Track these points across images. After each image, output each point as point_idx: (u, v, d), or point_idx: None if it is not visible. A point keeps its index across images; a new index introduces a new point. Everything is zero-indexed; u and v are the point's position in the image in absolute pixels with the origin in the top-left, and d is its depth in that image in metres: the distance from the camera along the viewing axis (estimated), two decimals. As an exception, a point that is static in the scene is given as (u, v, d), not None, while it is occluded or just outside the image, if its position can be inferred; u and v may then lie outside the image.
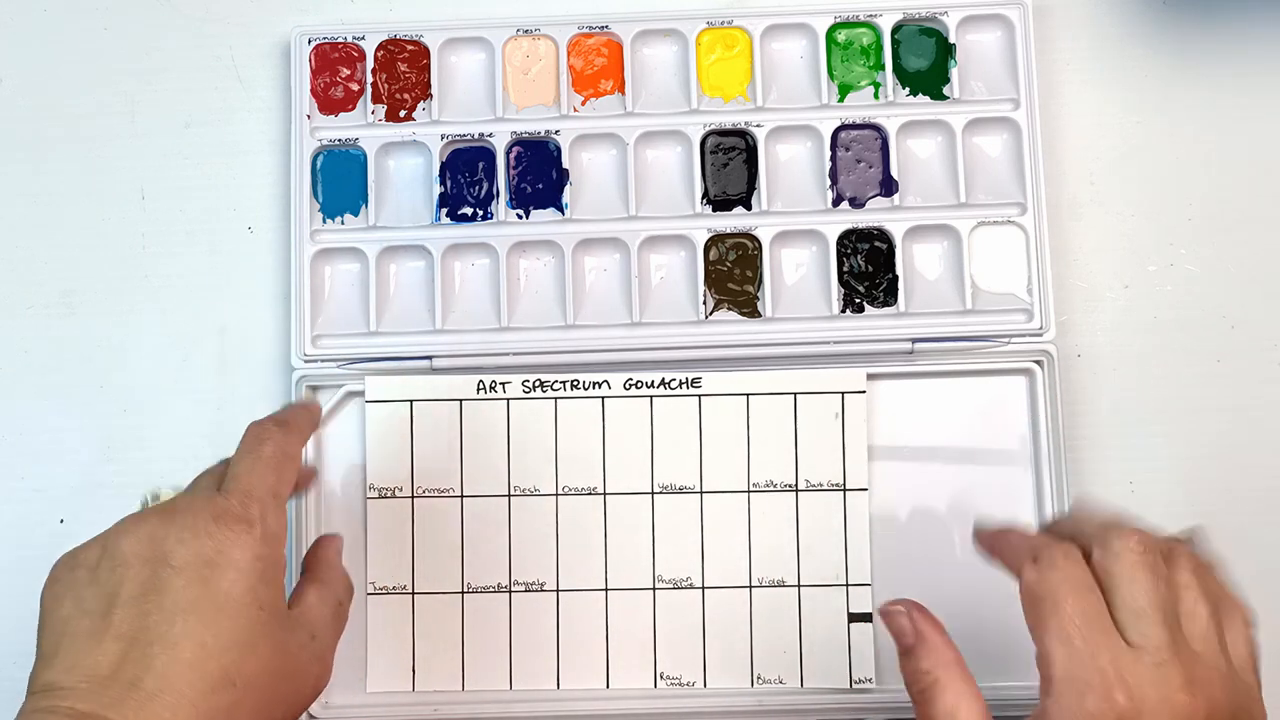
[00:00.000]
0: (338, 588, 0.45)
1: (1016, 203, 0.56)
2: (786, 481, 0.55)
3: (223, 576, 0.39)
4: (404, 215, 0.57)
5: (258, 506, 0.40)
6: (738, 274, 0.57)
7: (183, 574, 0.38)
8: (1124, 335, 0.57)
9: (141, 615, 0.38)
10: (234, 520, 0.40)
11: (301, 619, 0.42)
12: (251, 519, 0.40)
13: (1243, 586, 0.54)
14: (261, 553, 0.40)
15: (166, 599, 0.38)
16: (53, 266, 0.58)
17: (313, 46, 0.57)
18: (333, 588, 0.44)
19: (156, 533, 0.39)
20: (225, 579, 0.39)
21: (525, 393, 0.55)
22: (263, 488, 0.41)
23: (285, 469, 0.42)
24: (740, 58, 0.58)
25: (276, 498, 0.42)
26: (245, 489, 0.41)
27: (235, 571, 0.39)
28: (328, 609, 0.44)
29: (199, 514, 0.40)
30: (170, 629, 0.38)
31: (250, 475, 0.41)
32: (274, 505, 0.41)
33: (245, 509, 0.40)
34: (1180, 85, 0.58)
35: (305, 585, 0.44)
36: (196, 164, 0.58)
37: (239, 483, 0.41)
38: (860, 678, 0.54)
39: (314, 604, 0.43)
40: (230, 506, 0.40)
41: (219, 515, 0.40)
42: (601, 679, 0.54)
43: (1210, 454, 0.56)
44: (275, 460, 0.42)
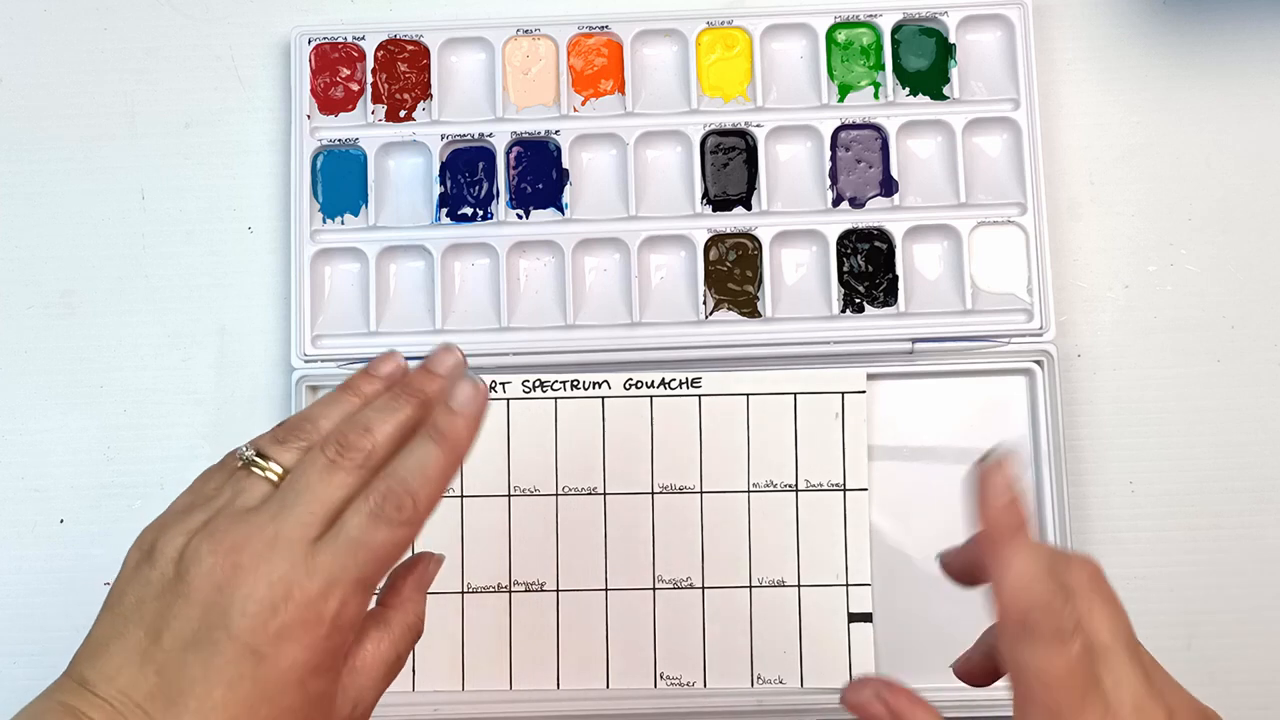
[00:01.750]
0: (403, 639, 0.40)
1: (1016, 203, 0.56)
2: (786, 481, 0.55)
3: (276, 664, 0.36)
4: (404, 215, 0.57)
5: (338, 599, 0.36)
6: (738, 274, 0.56)
7: (234, 644, 0.35)
8: (1124, 335, 0.57)
9: (184, 665, 0.36)
10: (306, 605, 0.36)
11: (349, 688, 0.38)
12: (325, 611, 0.36)
13: (1244, 587, 0.55)
14: (324, 645, 0.36)
15: (212, 664, 0.36)
16: (53, 266, 0.58)
17: (313, 46, 0.58)
18: (396, 638, 0.40)
19: (225, 585, 0.36)
20: (277, 667, 0.36)
21: (525, 393, 0.55)
22: (354, 578, 0.36)
23: (388, 561, 0.37)
24: (740, 58, 0.58)
25: (367, 590, 0.37)
26: (333, 575, 0.36)
27: (289, 661, 0.36)
28: (382, 665, 0.39)
29: (274, 585, 0.36)
30: (208, 695, 0.35)
31: (349, 558, 0.36)
32: (357, 596, 0.37)
33: (324, 599, 0.36)
34: (1180, 85, 0.58)
35: (369, 626, 0.39)
36: (196, 164, 0.58)
37: (332, 558, 0.36)
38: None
39: (369, 661, 0.39)
40: (309, 592, 0.36)
41: (293, 598, 0.36)
42: (601, 679, 0.54)
43: (1210, 454, 0.56)
44: (383, 550, 0.37)
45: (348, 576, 0.36)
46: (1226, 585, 0.55)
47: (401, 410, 0.39)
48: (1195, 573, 0.55)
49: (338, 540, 0.36)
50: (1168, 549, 0.55)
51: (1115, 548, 0.55)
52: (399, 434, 0.38)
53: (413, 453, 0.38)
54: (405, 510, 0.37)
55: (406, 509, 0.37)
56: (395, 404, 0.39)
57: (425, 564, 0.42)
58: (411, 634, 0.40)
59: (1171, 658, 0.53)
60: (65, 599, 0.55)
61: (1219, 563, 0.55)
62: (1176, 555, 0.55)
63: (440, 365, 0.40)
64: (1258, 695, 0.54)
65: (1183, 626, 0.55)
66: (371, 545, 0.36)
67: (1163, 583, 0.55)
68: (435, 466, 0.38)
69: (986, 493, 0.36)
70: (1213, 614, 0.55)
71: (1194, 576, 0.55)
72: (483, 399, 0.39)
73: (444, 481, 0.38)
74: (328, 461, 0.37)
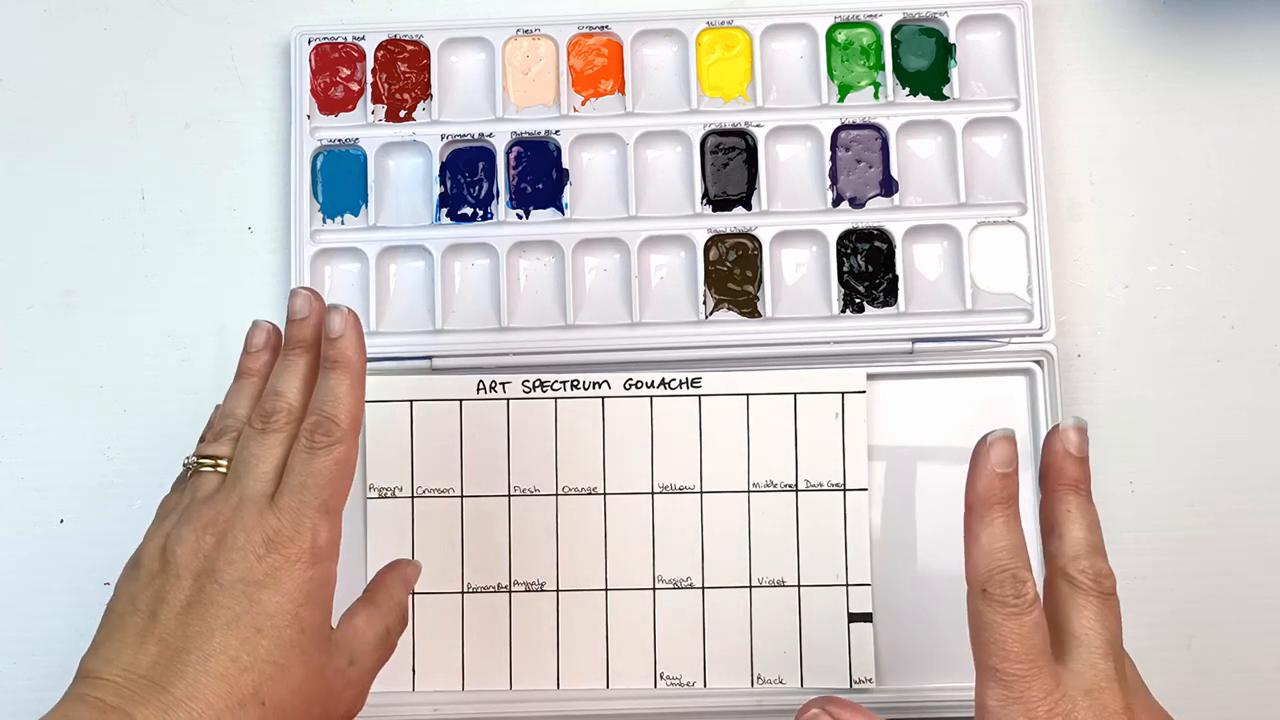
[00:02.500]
0: (390, 616, 0.45)
1: (1016, 203, 0.56)
2: (786, 481, 0.55)
3: (268, 598, 0.40)
4: (404, 215, 0.57)
5: (309, 527, 0.41)
6: (738, 274, 0.56)
7: (228, 591, 0.40)
8: (1124, 335, 0.57)
9: (183, 625, 0.39)
10: (284, 542, 0.40)
11: (343, 643, 0.43)
12: (301, 541, 0.41)
13: (1244, 587, 0.55)
14: (308, 575, 0.40)
15: (209, 613, 0.39)
16: (53, 266, 0.58)
17: (313, 46, 0.57)
18: (384, 614, 0.45)
19: (210, 552, 0.40)
20: (270, 600, 0.40)
21: (525, 393, 0.55)
22: (314, 505, 0.41)
23: (339, 480, 0.42)
24: (740, 58, 0.58)
25: (328, 513, 0.41)
26: (296, 507, 0.41)
27: (280, 594, 0.40)
28: (373, 634, 0.44)
29: (251, 535, 0.40)
30: (207, 642, 0.39)
31: (302, 490, 0.41)
32: (324, 521, 0.41)
33: (296, 530, 0.41)
34: (1180, 85, 0.58)
35: (358, 606, 0.44)
36: (196, 164, 0.58)
37: (290, 498, 0.41)
38: (860, 678, 0.54)
39: (360, 628, 0.44)
40: (281, 528, 0.40)
41: (270, 538, 0.40)
42: (601, 679, 0.54)
43: (1211, 454, 0.56)
44: (329, 473, 0.42)
45: (309, 506, 0.41)
46: (1226, 585, 0.55)
47: (295, 365, 0.44)
48: (1195, 573, 0.55)
49: (290, 481, 0.41)
50: (1168, 549, 0.55)
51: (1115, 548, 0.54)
52: (304, 384, 0.43)
53: (320, 387, 0.43)
54: (333, 432, 0.42)
55: (334, 431, 0.42)
56: (287, 362, 0.44)
57: (405, 564, 0.47)
58: (398, 612, 0.45)
59: (1171, 658, 0.54)
60: (65, 599, 0.55)
61: (1219, 563, 0.55)
62: (1176, 555, 0.55)
63: (300, 311, 0.44)
64: (1258, 695, 0.54)
65: (1183, 626, 0.55)
66: (318, 472, 0.41)
67: (1163, 583, 0.55)
68: (341, 387, 0.42)
69: (974, 468, 0.39)
70: (1213, 614, 0.55)
71: (1194, 576, 0.55)
72: (353, 318, 0.43)
73: (355, 398, 0.43)
74: (259, 431, 0.42)
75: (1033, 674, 0.37)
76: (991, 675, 0.38)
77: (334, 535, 0.42)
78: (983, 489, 0.39)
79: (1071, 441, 0.40)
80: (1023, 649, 0.37)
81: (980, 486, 0.39)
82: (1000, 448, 0.39)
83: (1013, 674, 0.37)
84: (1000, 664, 0.37)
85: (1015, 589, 0.38)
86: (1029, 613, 0.38)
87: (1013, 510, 0.39)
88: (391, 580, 0.46)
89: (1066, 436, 0.40)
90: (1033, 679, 0.37)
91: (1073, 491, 0.40)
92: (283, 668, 0.39)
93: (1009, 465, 0.39)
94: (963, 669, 0.51)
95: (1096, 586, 0.39)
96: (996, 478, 0.39)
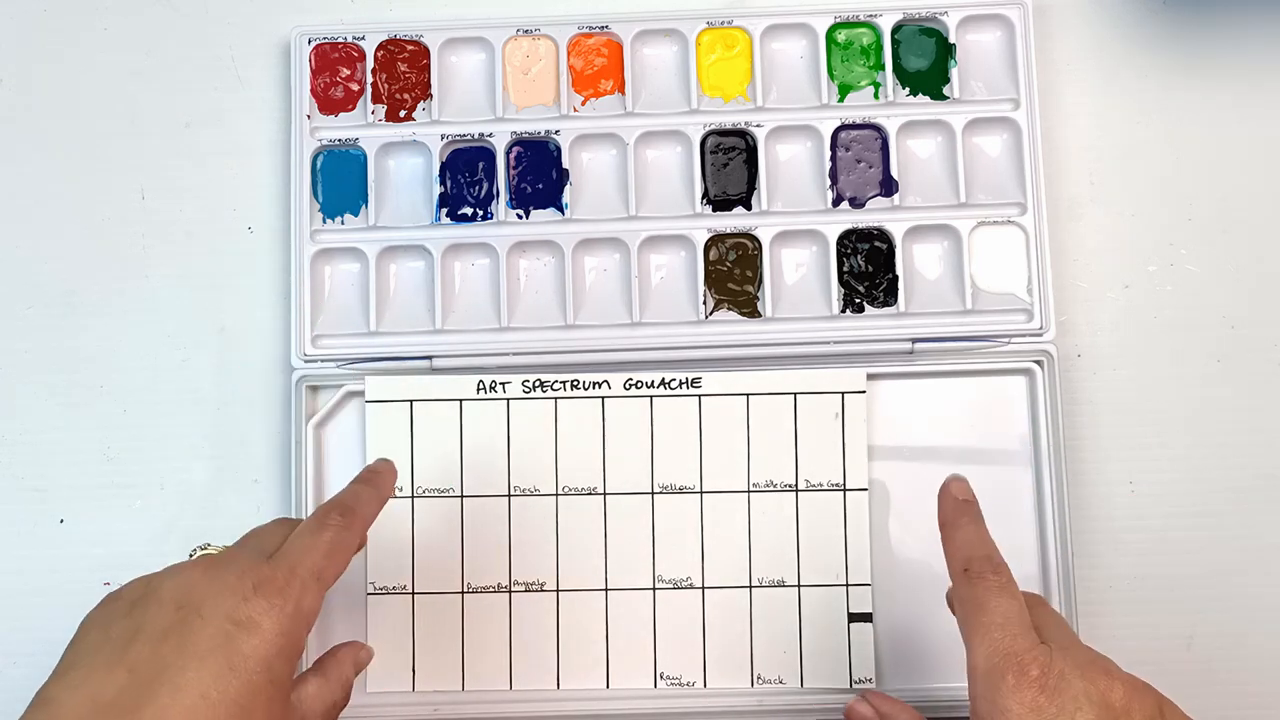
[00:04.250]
0: (337, 692, 0.45)
1: (1016, 203, 0.56)
2: (786, 481, 0.55)
3: (246, 640, 0.40)
4: (404, 215, 0.57)
5: (299, 584, 0.41)
6: (738, 274, 0.56)
7: (209, 625, 0.39)
8: (1124, 335, 0.57)
9: (157, 654, 0.39)
10: (273, 591, 0.41)
11: (297, 705, 0.43)
12: (289, 595, 0.41)
13: (1244, 587, 0.55)
14: (287, 629, 0.41)
15: (187, 643, 0.39)
16: (53, 266, 0.58)
17: (313, 46, 0.58)
18: (333, 688, 0.45)
19: (198, 583, 0.41)
20: (247, 643, 0.40)
21: (525, 393, 0.55)
22: (309, 568, 0.42)
23: (337, 558, 0.43)
24: (740, 58, 0.58)
25: (320, 581, 0.42)
26: (292, 564, 0.42)
27: (259, 639, 0.40)
28: (321, 706, 0.44)
29: (243, 576, 0.41)
30: (180, 674, 0.38)
31: (302, 554, 0.42)
32: (315, 587, 0.42)
33: (287, 583, 0.41)
34: (1180, 85, 0.58)
35: (310, 675, 0.45)
36: (196, 164, 0.59)
37: (289, 558, 0.42)
38: (860, 678, 0.54)
39: (312, 694, 0.44)
40: (273, 577, 0.41)
41: (260, 583, 0.41)
42: (601, 679, 0.54)
43: (1211, 454, 0.56)
44: (330, 547, 0.43)
45: (305, 568, 0.42)
46: (1226, 585, 0.55)
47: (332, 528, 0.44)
48: (1195, 573, 0.55)
49: (292, 543, 0.43)
50: (1168, 549, 0.55)
51: (1115, 548, 0.55)
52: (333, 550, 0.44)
53: (347, 489, 0.46)
54: (348, 516, 0.44)
55: (348, 515, 0.44)
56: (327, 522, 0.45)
57: (358, 646, 0.47)
58: (344, 690, 0.46)
59: (1171, 658, 0.54)
60: (65, 599, 0.52)
61: (1219, 563, 0.55)
62: (1176, 555, 0.55)
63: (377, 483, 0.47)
64: (1258, 695, 0.54)
65: (1183, 626, 0.55)
66: (322, 542, 0.43)
67: (1163, 583, 0.55)
68: (366, 493, 0.46)
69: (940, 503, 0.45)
70: (1213, 614, 0.55)
71: (1194, 576, 0.55)
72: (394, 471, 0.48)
73: (375, 507, 0.46)
74: (275, 520, 0.45)
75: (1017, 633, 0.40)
76: (981, 639, 0.40)
77: (316, 606, 0.42)
78: (949, 509, 0.45)
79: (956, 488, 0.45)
80: (1005, 613, 0.40)
81: (947, 509, 0.45)
82: (957, 484, 0.45)
83: (998, 635, 0.40)
84: (988, 628, 0.40)
85: (992, 568, 0.42)
86: (1007, 589, 0.41)
87: (980, 520, 0.44)
88: (344, 657, 0.46)
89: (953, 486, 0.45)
90: (1018, 637, 0.40)
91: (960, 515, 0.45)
92: (247, 711, 0.39)
93: (968, 495, 0.45)
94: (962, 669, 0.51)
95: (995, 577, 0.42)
96: (959, 502, 0.45)
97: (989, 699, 0.39)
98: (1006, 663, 0.39)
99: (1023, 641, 0.40)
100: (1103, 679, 0.39)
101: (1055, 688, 0.39)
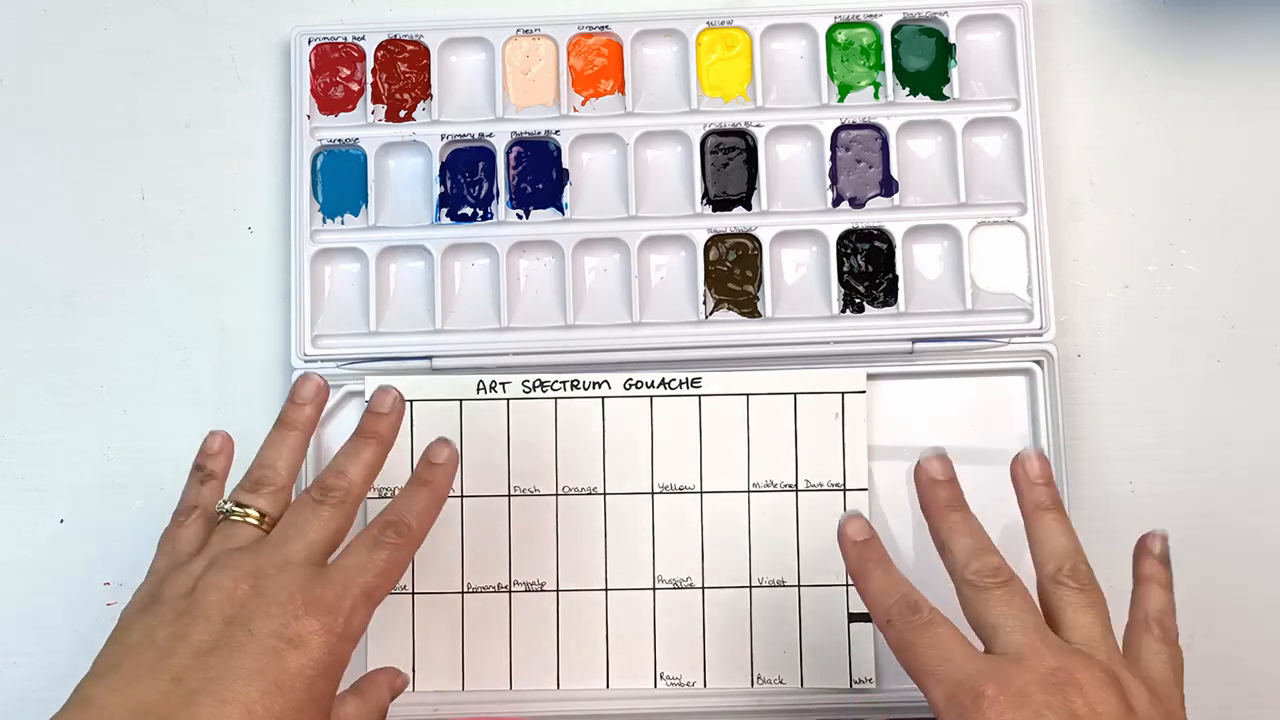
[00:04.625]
0: (375, 714, 0.45)
1: (1016, 203, 0.56)
2: (786, 482, 0.55)
3: (294, 659, 0.39)
4: (404, 215, 0.57)
5: (350, 604, 0.41)
6: (738, 274, 0.56)
7: (259, 642, 0.39)
8: (1124, 335, 0.57)
9: (202, 666, 0.39)
10: (324, 610, 0.41)
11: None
12: (339, 614, 0.41)
13: (1245, 587, 0.54)
14: (335, 648, 0.40)
15: (233, 659, 0.39)
16: (53, 266, 0.58)
17: (313, 46, 0.57)
18: (370, 710, 0.45)
19: (247, 599, 0.40)
20: (295, 661, 0.39)
21: (525, 393, 0.55)
22: (361, 588, 0.42)
23: (391, 576, 0.43)
24: (740, 57, 0.57)
25: (371, 600, 0.42)
26: (345, 583, 0.42)
27: (307, 658, 0.40)
28: None
29: (292, 595, 0.40)
30: (227, 689, 0.38)
31: (355, 573, 0.42)
32: (365, 606, 0.42)
33: (338, 602, 0.41)
34: (1180, 84, 0.58)
35: (350, 695, 0.45)
36: (196, 164, 0.58)
37: (341, 575, 0.42)
38: (860, 678, 0.54)
39: (350, 714, 0.44)
40: (324, 596, 0.41)
41: (311, 602, 0.40)
42: (601, 679, 0.54)
43: (1211, 455, 0.56)
44: (385, 567, 0.43)
45: (356, 587, 0.41)
46: (1226, 585, 0.55)
47: (364, 451, 0.45)
48: (1195, 573, 0.54)
49: (346, 560, 0.42)
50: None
51: (1115, 548, 0.55)
52: (369, 471, 0.45)
53: (407, 494, 0.45)
54: (404, 534, 0.43)
55: (405, 533, 0.43)
56: (358, 446, 0.46)
57: (395, 673, 0.47)
58: (380, 714, 0.45)
59: (1172, 658, 0.54)
60: (65, 600, 0.55)
61: (1220, 563, 0.55)
62: (1177, 555, 0.54)
63: (383, 406, 0.47)
64: (1258, 695, 0.54)
65: (1183, 626, 0.54)
66: (377, 561, 0.42)
67: (1163, 583, 0.55)
68: (425, 502, 0.45)
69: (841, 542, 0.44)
70: (1213, 614, 0.54)
71: (1194, 576, 0.53)
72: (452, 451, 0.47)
73: (432, 517, 0.45)
74: (315, 503, 0.43)
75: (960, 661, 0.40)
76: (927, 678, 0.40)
77: (364, 624, 0.42)
78: (853, 558, 0.44)
79: (935, 469, 0.44)
80: (939, 647, 0.40)
81: (851, 558, 0.44)
82: (852, 525, 0.44)
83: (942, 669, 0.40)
84: (930, 665, 0.40)
85: (911, 609, 0.41)
86: (931, 622, 0.41)
87: (885, 562, 0.43)
88: (381, 681, 0.46)
89: (929, 467, 0.44)
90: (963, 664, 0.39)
91: (949, 511, 0.44)
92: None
93: (864, 534, 0.44)
94: None
95: (994, 580, 0.41)
96: (858, 546, 0.44)
97: None
98: (961, 691, 0.39)
99: (968, 666, 0.39)
100: (1067, 689, 0.38)
101: (1015, 702, 0.38)
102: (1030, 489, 0.44)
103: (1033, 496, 0.44)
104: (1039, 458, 0.45)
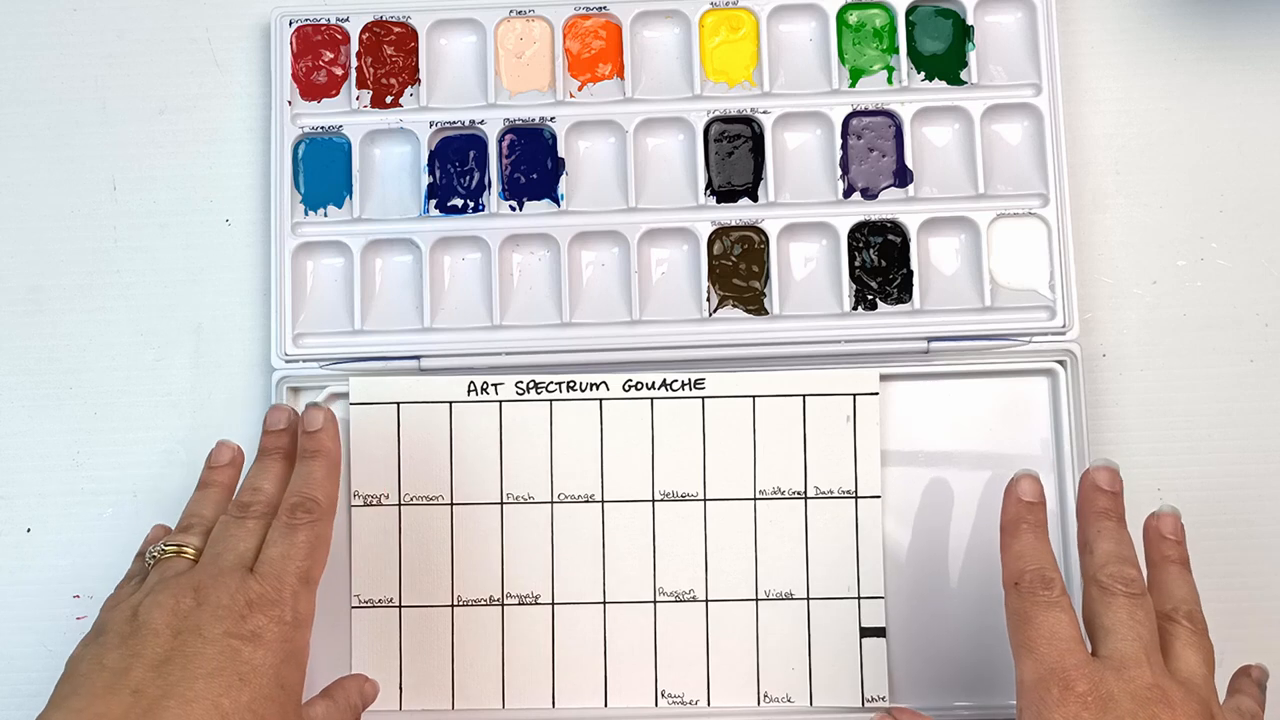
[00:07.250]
0: (347, 715, 0.48)
1: (1038, 194, 0.55)
2: (795, 488, 0.54)
3: (252, 652, 0.42)
4: (390, 207, 0.56)
5: (290, 592, 0.45)
6: (743, 269, 0.55)
7: (212, 644, 0.42)
8: (1152, 334, 0.56)
9: (161, 675, 0.41)
10: (268, 604, 0.44)
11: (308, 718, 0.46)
12: (283, 604, 0.44)
13: (1277, 598, 0.53)
14: (290, 635, 0.44)
15: (191, 663, 0.41)
16: (19, 261, 0.57)
17: (294, 28, 0.57)
18: (343, 711, 0.48)
19: (192, 611, 0.43)
20: (254, 655, 0.42)
21: (519, 395, 0.54)
22: (295, 574, 0.45)
23: (318, 553, 0.46)
24: (746, 40, 0.57)
25: (307, 582, 0.46)
26: (278, 574, 0.45)
27: (265, 649, 0.43)
28: None
29: (234, 597, 0.43)
30: (189, 689, 0.41)
31: (284, 562, 0.45)
32: (304, 590, 0.45)
33: (278, 594, 0.44)
34: (1211, 69, 0.58)
35: (319, 699, 0.48)
36: (171, 153, 0.58)
37: (272, 568, 0.45)
38: (873, 695, 0.53)
39: (321, 714, 0.47)
40: (264, 593, 0.44)
41: (253, 600, 0.44)
42: (599, 697, 0.54)
43: (1243, 459, 0.55)
44: (309, 546, 0.46)
45: (290, 575, 0.45)
46: (1261, 595, 0.55)
47: (271, 466, 0.50)
48: (1226, 583, 0.54)
49: (270, 552, 0.46)
50: (1197, 558, 0.53)
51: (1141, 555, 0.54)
52: (279, 481, 0.49)
53: (298, 474, 0.49)
54: (313, 510, 0.47)
55: (313, 509, 0.47)
56: (264, 464, 0.50)
57: (365, 680, 0.50)
58: (351, 716, 0.48)
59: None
60: (31, 612, 0.55)
61: (1252, 573, 0.55)
62: (1207, 564, 0.53)
63: (278, 424, 0.51)
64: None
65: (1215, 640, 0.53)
66: (297, 545, 0.46)
67: (1192, 593, 0.54)
68: (319, 472, 0.49)
69: (1005, 502, 0.47)
70: (1248, 627, 0.54)
71: (1225, 587, 0.54)
72: (331, 415, 0.51)
73: (332, 483, 0.49)
74: (236, 519, 0.47)
75: (1065, 649, 0.42)
76: (1027, 653, 0.42)
77: (310, 607, 0.45)
78: (1011, 514, 0.46)
79: (1102, 478, 0.47)
80: (1052, 628, 0.42)
81: (1009, 513, 0.46)
82: (1026, 482, 0.46)
83: (1045, 650, 0.42)
84: (1035, 642, 0.42)
85: (1043, 583, 0.43)
86: (1058, 604, 0.43)
87: (1041, 529, 0.46)
88: (351, 687, 0.49)
89: (1097, 475, 0.47)
90: (1066, 654, 0.42)
91: (1103, 517, 0.46)
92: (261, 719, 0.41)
93: (1035, 496, 0.46)
94: (981, 686, 0.51)
95: (1124, 588, 0.43)
96: (1023, 505, 0.46)
97: (1034, 711, 0.41)
98: (1052, 677, 0.41)
99: (1070, 657, 0.41)
100: (1157, 707, 0.40)
101: (1101, 705, 0.40)
102: (1160, 542, 0.47)
103: (1162, 550, 0.47)
104: (1173, 516, 0.47)
